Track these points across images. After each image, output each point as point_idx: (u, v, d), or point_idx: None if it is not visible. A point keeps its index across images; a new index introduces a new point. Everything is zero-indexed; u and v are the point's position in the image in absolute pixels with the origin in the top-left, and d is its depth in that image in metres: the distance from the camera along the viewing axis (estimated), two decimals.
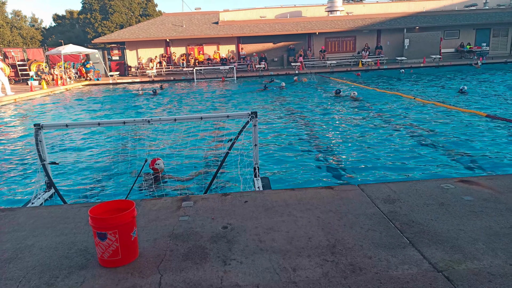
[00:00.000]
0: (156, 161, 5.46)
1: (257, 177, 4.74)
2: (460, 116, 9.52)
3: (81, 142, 8.59)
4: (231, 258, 2.48)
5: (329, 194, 3.50)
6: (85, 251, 2.64)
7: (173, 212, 3.24)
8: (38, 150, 4.52)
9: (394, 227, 2.82)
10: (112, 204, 2.64)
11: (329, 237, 2.70)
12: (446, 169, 5.78)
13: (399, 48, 28.06)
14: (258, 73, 24.96)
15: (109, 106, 14.79)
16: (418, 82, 17.86)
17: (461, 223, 2.83)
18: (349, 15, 29.57)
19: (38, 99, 17.96)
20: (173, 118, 4.85)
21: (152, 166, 5.45)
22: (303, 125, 9.61)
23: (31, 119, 12.39)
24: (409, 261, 2.37)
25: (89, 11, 48.90)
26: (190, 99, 15.97)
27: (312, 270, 2.31)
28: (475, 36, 29.00)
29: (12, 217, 3.30)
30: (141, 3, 51.18)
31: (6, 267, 2.47)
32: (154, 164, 5.44)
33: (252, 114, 4.57)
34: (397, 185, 3.67)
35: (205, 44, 28.09)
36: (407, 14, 29.27)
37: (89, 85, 24.19)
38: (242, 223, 2.99)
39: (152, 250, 2.61)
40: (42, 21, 58.74)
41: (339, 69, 25.63)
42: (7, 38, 41.71)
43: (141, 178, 5.21)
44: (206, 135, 8.57)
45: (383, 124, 9.09)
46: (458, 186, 3.54)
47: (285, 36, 27.73)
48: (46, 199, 4.47)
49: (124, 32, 28.31)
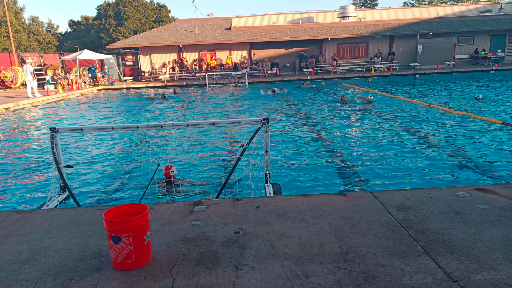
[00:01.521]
0: (171, 169, 5.50)
1: (268, 183, 4.74)
2: (475, 123, 9.39)
3: (95, 145, 8.71)
4: (243, 263, 2.48)
5: (342, 201, 3.47)
6: (99, 253, 2.67)
7: (185, 216, 3.26)
8: (54, 153, 4.60)
9: (408, 235, 2.78)
10: (126, 207, 2.67)
11: (342, 244, 2.68)
12: (461, 177, 5.69)
13: (412, 54, 27.86)
14: (269, 79, 25.01)
15: (122, 110, 14.98)
16: (432, 88, 17.68)
17: (477, 232, 2.79)
18: (361, 21, 29.50)
19: (53, 103, 18.30)
20: (185, 124, 4.89)
21: (166, 171, 5.48)
22: (314, 131, 9.58)
23: (47, 123, 12.62)
24: (424, 270, 2.34)
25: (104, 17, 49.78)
26: (203, 104, 16.08)
27: (325, 277, 2.30)
28: (490, 42, 28.63)
29: (28, 219, 3.36)
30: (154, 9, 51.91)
31: (23, 268, 2.52)
32: (168, 170, 5.47)
33: (264, 121, 4.58)
34: (411, 193, 3.63)
35: (217, 50, 28.31)
36: (420, 20, 29.07)
37: (103, 89, 24.56)
38: (254, 228, 2.99)
39: (165, 254, 2.62)
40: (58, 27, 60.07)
41: (351, 75, 25.53)
42: (24, 44, 42.69)
43: (154, 182, 5.25)
44: (218, 140, 8.61)
45: (396, 130, 9.01)
46: (474, 195, 3.48)
47: (297, 42, 27.78)
48: (60, 202, 4.54)
49: (138, 38, 28.73)
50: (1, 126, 12.36)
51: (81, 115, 14.26)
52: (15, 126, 12.13)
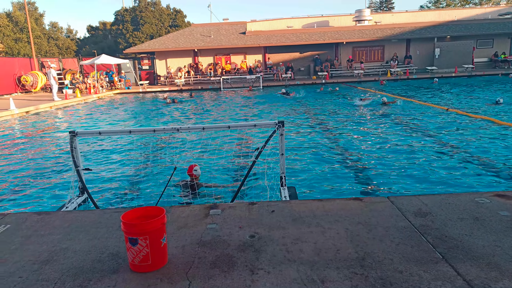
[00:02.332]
0: (194, 168, 5.50)
1: (283, 186, 4.73)
2: (495, 128, 9.18)
3: (114, 149, 8.85)
4: (259, 267, 2.48)
5: (358, 206, 3.44)
6: (117, 255, 2.71)
7: (201, 219, 3.28)
8: (73, 156, 4.69)
9: (426, 242, 2.74)
10: (143, 210, 2.70)
11: (358, 250, 2.65)
12: (481, 182, 5.57)
13: (430, 57, 27.48)
14: (284, 83, 25.02)
15: (139, 113, 15.19)
16: (450, 92, 17.39)
17: (498, 239, 2.72)
18: (377, 25, 29.26)
19: (72, 106, 18.70)
20: (201, 127, 4.93)
21: (190, 172, 5.49)
22: (329, 134, 9.52)
23: (66, 126, 12.89)
24: (443, 277, 2.29)
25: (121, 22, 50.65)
26: (218, 108, 16.18)
27: (341, 282, 2.28)
28: (510, 45, 28.02)
29: (48, 220, 3.43)
30: (170, 14, 52.54)
31: (43, 269, 2.57)
32: (192, 171, 5.47)
33: (279, 124, 4.58)
34: (428, 198, 3.57)
35: (232, 54, 28.48)
36: (438, 23, 28.68)
37: (120, 93, 24.97)
38: (269, 232, 2.98)
39: (180, 257, 2.64)
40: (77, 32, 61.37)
41: (367, 78, 25.32)
42: (44, 49, 43.75)
43: (171, 185, 5.29)
44: (234, 143, 8.64)
45: (413, 135, 8.88)
46: (494, 201, 3.41)
47: (312, 45, 27.73)
48: (79, 204, 4.62)
49: (154, 43, 29.15)
50: (22, 129, 12.69)
51: (99, 118, 14.52)
52: (35, 129, 12.43)
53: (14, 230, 3.25)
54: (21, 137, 11.16)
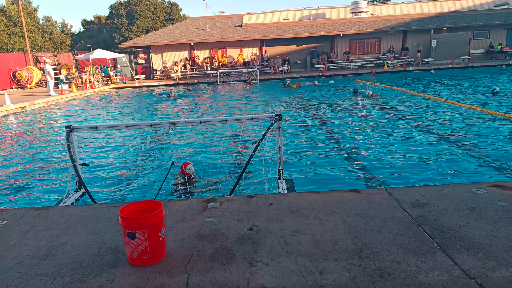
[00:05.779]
0: (187, 166, 5.51)
1: (281, 179, 4.74)
2: (491, 118, 9.21)
3: (110, 143, 8.83)
4: (257, 260, 2.49)
5: (356, 198, 3.45)
6: (115, 249, 2.71)
7: (199, 213, 3.28)
8: (69, 151, 4.68)
9: (423, 232, 2.75)
10: (141, 204, 2.70)
11: (356, 241, 2.67)
12: (478, 173, 5.60)
13: (426, 49, 27.42)
14: (281, 76, 24.95)
15: (136, 108, 15.14)
16: (448, 83, 17.40)
17: (495, 229, 2.74)
18: (374, 16, 29.15)
19: (68, 101, 18.59)
20: (198, 121, 4.93)
21: (183, 169, 5.51)
22: (326, 127, 9.52)
23: (62, 121, 12.83)
24: (440, 267, 2.31)
25: (116, 16, 50.25)
26: (215, 101, 16.14)
27: (339, 274, 2.29)
28: (506, 36, 28.01)
29: (46, 215, 3.43)
30: (166, 8, 52.17)
31: (41, 264, 2.57)
32: (185, 168, 5.50)
33: (276, 117, 4.58)
34: (426, 189, 3.59)
35: (228, 47, 28.33)
36: (434, 14, 28.60)
37: (116, 88, 24.84)
38: (267, 225, 2.99)
39: (179, 250, 2.65)
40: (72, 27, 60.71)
41: (364, 70, 25.29)
42: (38, 44, 43.38)
43: (168, 179, 5.29)
44: (231, 137, 8.63)
45: (411, 127, 8.90)
46: (491, 191, 3.42)
47: (309, 38, 27.61)
48: (77, 199, 4.62)
49: (149, 37, 28.93)
50: (18, 125, 12.61)
51: (95, 113, 14.45)
52: (31, 125, 12.36)
53: (12, 225, 3.24)
54: (17, 132, 11.10)
